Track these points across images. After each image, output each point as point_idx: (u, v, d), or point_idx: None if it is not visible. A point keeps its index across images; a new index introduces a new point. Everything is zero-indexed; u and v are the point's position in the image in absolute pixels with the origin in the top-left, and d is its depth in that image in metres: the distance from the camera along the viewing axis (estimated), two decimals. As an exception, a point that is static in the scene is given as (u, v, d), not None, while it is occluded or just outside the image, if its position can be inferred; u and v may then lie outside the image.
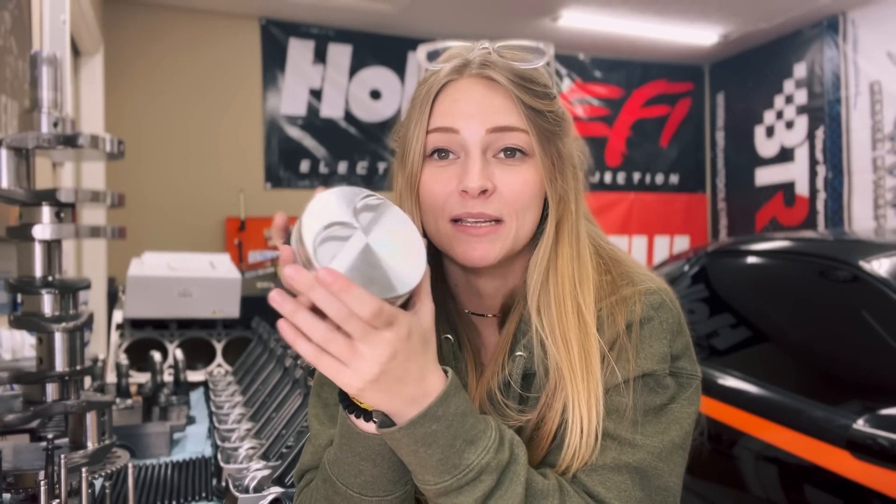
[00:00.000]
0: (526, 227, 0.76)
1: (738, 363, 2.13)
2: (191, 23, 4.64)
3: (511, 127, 0.73)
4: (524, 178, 0.74)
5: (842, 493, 1.61)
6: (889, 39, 4.63)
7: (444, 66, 0.76)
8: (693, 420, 0.76)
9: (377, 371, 0.59)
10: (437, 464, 0.64)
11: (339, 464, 0.72)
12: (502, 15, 4.82)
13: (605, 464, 0.71)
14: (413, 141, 0.75)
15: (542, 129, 0.75)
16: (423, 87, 0.77)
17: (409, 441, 0.63)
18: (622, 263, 0.81)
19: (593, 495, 0.70)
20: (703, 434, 2.00)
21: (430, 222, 0.77)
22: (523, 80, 0.74)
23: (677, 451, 0.74)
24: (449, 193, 0.74)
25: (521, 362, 0.77)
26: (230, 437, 1.26)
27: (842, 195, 4.97)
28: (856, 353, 1.84)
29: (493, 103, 0.74)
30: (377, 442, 0.69)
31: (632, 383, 0.73)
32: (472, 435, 0.64)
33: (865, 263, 1.87)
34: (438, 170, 0.75)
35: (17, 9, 1.89)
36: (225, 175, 4.71)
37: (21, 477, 0.93)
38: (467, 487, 0.64)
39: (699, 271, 2.54)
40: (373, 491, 0.71)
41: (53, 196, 0.95)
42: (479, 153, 0.73)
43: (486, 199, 0.73)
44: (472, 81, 0.75)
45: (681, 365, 0.76)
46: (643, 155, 6.00)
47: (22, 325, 0.98)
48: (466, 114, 0.73)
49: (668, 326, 0.76)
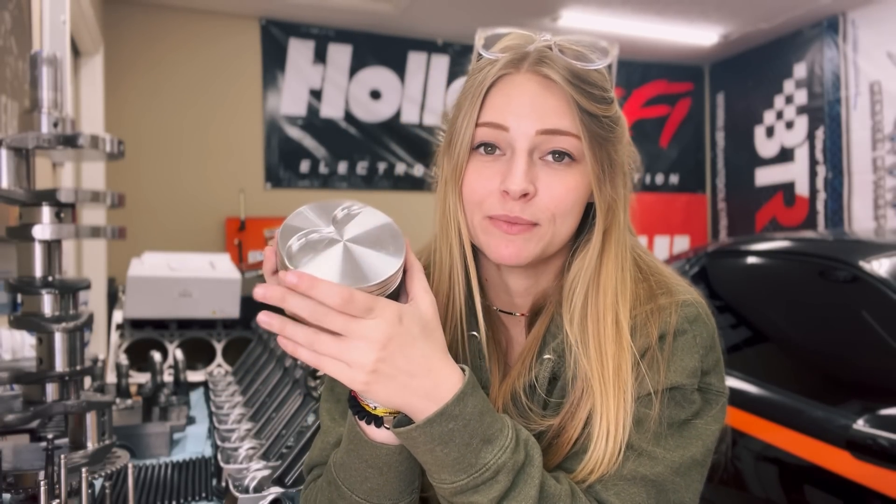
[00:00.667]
0: (562, 233, 0.74)
1: (738, 363, 2.13)
2: (191, 23, 4.64)
3: (562, 130, 0.71)
4: (569, 184, 0.72)
5: (842, 493, 1.61)
6: (889, 39, 4.63)
7: (500, 58, 0.73)
8: (716, 437, 0.74)
9: (373, 358, 0.59)
10: (453, 462, 0.63)
11: (346, 468, 0.71)
12: (502, 15, 4.83)
13: (622, 475, 0.70)
14: (461, 131, 0.73)
15: (595, 135, 0.72)
16: (477, 76, 0.74)
17: (426, 440, 0.63)
18: (660, 273, 0.79)
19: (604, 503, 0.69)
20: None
21: (469, 215, 0.75)
22: (581, 81, 0.71)
23: (696, 467, 0.72)
24: (490, 191, 0.72)
25: (549, 365, 0.75)
26: (230, 437, 1.26)
27: (842, 195, 4.97)
28: (856, 353, 1.84)
29: (546, 103, 0.71)
30: (385, 451, 0.68)
31: (659, 395, 0.71)
32: (490, 434, 0.64)
33: (865, 263, 1.87)
34: (483, 165, 0.73)
35: (17, 9, 1.89)
36: (225, 175, 4.71)
37: (21, 477, 0.93)
38: (483, 487, 0.64)
39: (699, 271, 2.54)
40: (378, 498, 0.70)
41: (53, 196, 0.95)
42: (526, 154, 0.71)
43: (526, 202, 0.71)
44: (528, 77, 0.72)
45: (709, 381, 0.74)
46: (643, 155, 5.85)
47: (22, 325, 0.98)
48: (518, 112, 0.71)
49: (701, 341, 0.74)
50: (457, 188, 0.75)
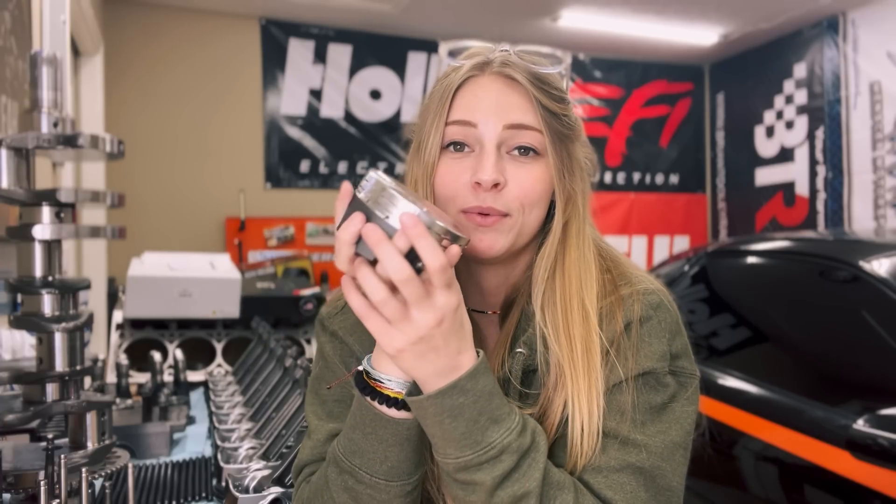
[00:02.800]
0: (531, 223, 0.78)
1: (738, 363, 2.13)
2: (191, 23, 4.64)
3: (527, 125, 0.76)
4: (536, 175, 0.77)
5: (842, 493, 1.61)
6: (889, 39, 4.63)
7: (466, 63, 0.79)
8: (693, 419, 0.77)
9: (421, 335, 0.62)
10: (460, 437, 0.66)
11: (362, 454, 0.72)
12: (502, 15, 4.82)
13: (609, 465, 0.72)
14: (431, 132, 0.78)
15: (556, 131, 0.77)
16: (444, 81, 0.80)
17: (436, 411, 0.65)
18: (621, 264, 0.83)
19: (602, 498, 0.71)
20: (704, 435, 2.00)
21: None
22: (541, 81, 0.77)
23: (679, 450, 0.74)
24: (462, 185, 0.76)
25: (520, 359, 0.78)
26: (230, 437, 1.26)
27: (842, 195, 4.97)
28: (856, 353, 1.84)
29: (511, 101, 0.76)
30: (406, 426, 0.70)
31: (632, 381, 0.74)
32: (497, 415, 0.66)
33: (865, 263, 1.87)
34: (454, 161, 0.78)
35: (17, 9, 1.89)
36: (225, 175, 4.71)
37: (21, 477, 0.93)
38: (487, 465, 0.66)
39: (699, 271, 2.54)
40: (397, 476, 0.72)
41: (53, 196, 0.95)
42: (494, 148, 0.75)
43: (497, 192, 0.75)
44: (493, 79, 0.78)
45: (680, 364, 0.77)
46: (643, 155, 6.00)
47: (22, 325, 0.98)
48: (485, 109, 0.76)
49: (666, 326, 0.77)
50: (428, 186, 0.79)
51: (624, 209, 5.85)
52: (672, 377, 0.76)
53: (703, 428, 2.00)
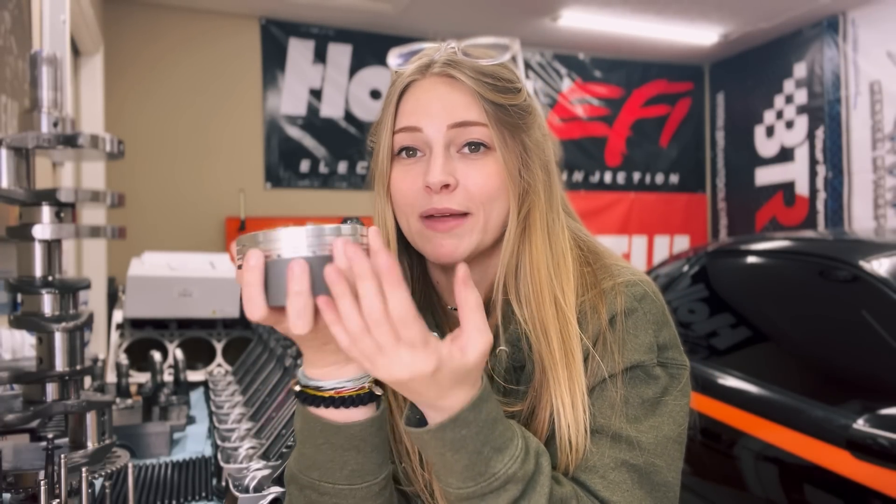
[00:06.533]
0: (494, 219, 0.77)
1: (738, 363, 2.13)
2: (191, 22, 4.64)
3: (471, 121, 0.75)
4: (488, 170, 0.76)
5: (842, 493, 1.61)
6: (889, 39, 4.63)
7: (408, 67, 0.78)
8: (687, 412, 0.76)
9: (393, 380, 0.58)
10: (462, 469, 0.63)
11: (318, 465, 0.69)
12: (502, 15, 4.82)
13: (604, 463, 0.70)
14: (381, 141, 0.78)
15: (505, 123, 0.76)
16: (391, 88, 0.80)
17: (437, 444, 0.62)
18: (602, 257, 0.81)
19: (600, 499, 0.70)
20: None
21: (403, 220, 0.79)
22: (485, 75, 0.76)
23: (673, 445, 0.73)
24: (416, 190, 0.76)
25: (503, 357, 0.77)
26: (230, 437, 1.26)
27: (842, 195, 4.97)
28: (856, 353, 1.84)
29: (453, 100, 0.76)
30: (357, 427, 0.67)
31: (620, 376, 0.72)
32: (501, 443, 0.63)
33: (865, 263, 1.87)
34: (406, 168, 0.78)
35: (17, 9, 1.88)
36: (225, 175, 4.71)
37: (21, 477, 0.93)
38: (491, 496, 0.63)
39: (699, 271, 2.54)
40: (361, 478, 0.69)
41: (53, 196, 0.95)
42: (442, 149, 0.75)
43: (450, 193, 0.75)
44: (435, 80, 0.77)
45: (670, 355, 0.75)
46: (643, 155, 6.00)
47: (22, 325, 0.98)
48: (428, 112, 0.76)
49: (652, 317, 0.75)
50: (385, 195, 0.79)
51: (624, 209, 5.85)
52: (662, 369, 0.74)
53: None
